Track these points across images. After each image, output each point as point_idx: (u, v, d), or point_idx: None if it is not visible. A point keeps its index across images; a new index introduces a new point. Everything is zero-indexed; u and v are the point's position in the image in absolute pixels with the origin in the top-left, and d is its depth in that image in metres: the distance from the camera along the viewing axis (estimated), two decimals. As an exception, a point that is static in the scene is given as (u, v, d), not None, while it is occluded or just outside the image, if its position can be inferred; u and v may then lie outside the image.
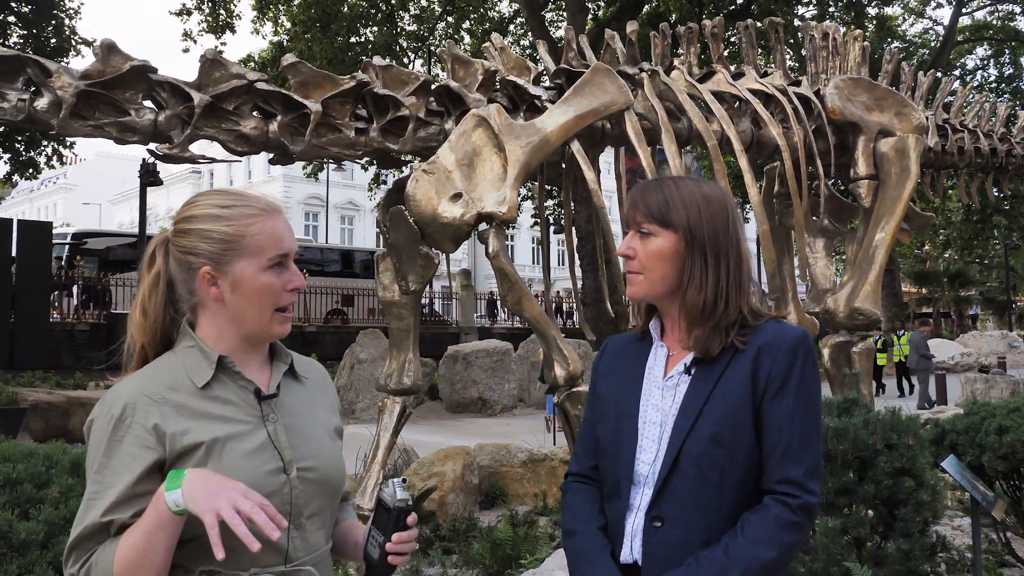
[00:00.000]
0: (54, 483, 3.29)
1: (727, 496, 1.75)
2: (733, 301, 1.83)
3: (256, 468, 1.57)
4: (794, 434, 1.75)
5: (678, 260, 1.85)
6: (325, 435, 1.75)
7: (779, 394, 1.77)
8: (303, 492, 1.63)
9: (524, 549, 5.33)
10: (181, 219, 1.70)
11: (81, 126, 4.28)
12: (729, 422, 1.76)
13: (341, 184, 51.42)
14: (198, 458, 1.54)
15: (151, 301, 1.68)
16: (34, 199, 75.26)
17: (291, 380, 1.75)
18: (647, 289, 1.89)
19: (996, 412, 5.73)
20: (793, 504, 1.72)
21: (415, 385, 5.27)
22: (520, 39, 29.04)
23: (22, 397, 12.04)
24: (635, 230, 1.90)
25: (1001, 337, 31.02)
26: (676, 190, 1.89)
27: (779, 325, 1.86)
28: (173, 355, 1.67)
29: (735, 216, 1.91)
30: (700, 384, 1.81)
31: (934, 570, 4.00)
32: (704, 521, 1.74)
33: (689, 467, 1.75)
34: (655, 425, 1.84)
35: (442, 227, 4.82)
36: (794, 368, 1.79)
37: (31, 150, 22.68)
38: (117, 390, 1.62)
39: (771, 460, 1.75)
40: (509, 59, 5.67)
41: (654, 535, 1.76)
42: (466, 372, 17.47)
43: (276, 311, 1.68)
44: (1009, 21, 35.42)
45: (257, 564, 1.56)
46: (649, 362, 1.92)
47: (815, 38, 6.74)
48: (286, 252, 1.67)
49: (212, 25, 25.21)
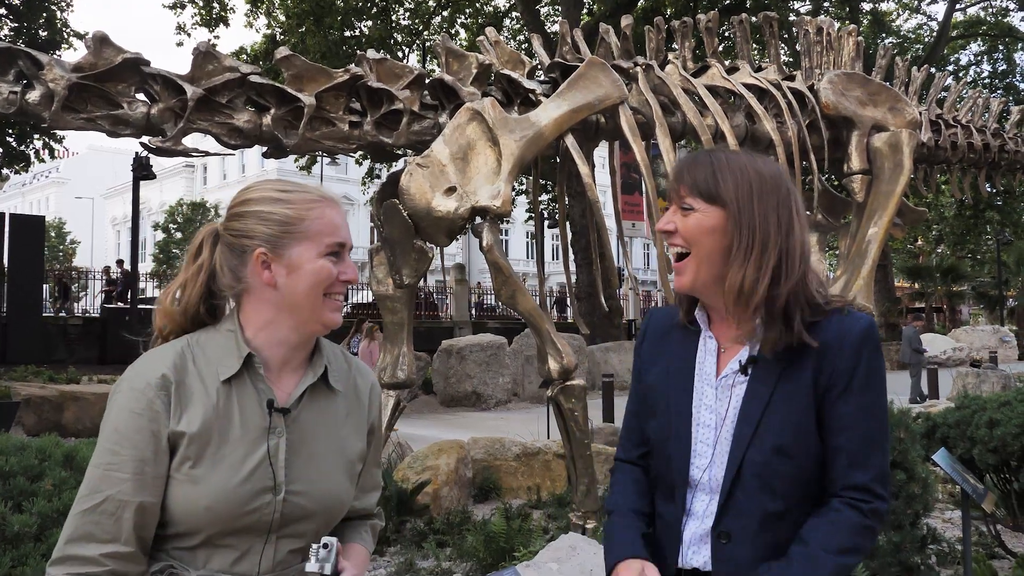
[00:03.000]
0: (47, 476, 3.29)
1: (793, 507, 1.65)
2: (784, 287, 1.66)
3: (241, 487, 1.53)
4: (860, 437, 1.64)
5: (724, 239, 1.68)
6: (340, 457, 1.67)
7: (844, 394, 1.64)
8: (288, 514, 1.58)
9: (518, 542, 5.34)
10: (237, 203, 1.66)
11: (73, 119, 4.27)
12: (792, 430, 1.64)
13: (335, 178, 51.27)
14: (183, 450, 1.52)
15: (188, 290, 1.64)
16: (26, 193, 75.00)
17: (319, 393, 1.67)
18: (693, 275, 1.72)
19: (987, 406, 5.75)
20: (865, 509, 1.62)
21: (409, 379, 5.28)
22: (515, 33, 29.02)
23: (15, 391, 12.00)
24: (677, 205, 1.74)
25: (992, 332, 31.14)
26: (727, 163, 1.72)
27: (843, 319, 1.69)
28: (214, 332, 1.63)
29: (791, 196, 1.73)
30: (758, 387, 1.67)
31: (924, 562, 4.02)
32: (771, 535, 1.64)
33: (752, 479, 1.64)
34: (709, 428, 1.72)
35: (436, 221, 4.82)
36: (859, 365, 1.65)
37: (22, 143, 22.59)
38: (144, 360, 1.60)
39: (836, 466, 1.64)
40: (504, 53, 5.67)
41: (721, 551, 1.67)
42: (460, 366, 17.48)
43: (327, 299, 1.63)
44: (1003, 17, 35.51)
45: (213, 567, 1.55)
46: (699, 356, 1.78)
47: (809, 33, 6.75)
48: (343, 242, 1.64)
49: (206, 18, 25.18)
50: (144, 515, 1.50)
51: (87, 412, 12.05)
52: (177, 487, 1.52)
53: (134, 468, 1.50)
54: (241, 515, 1.53)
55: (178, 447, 1.53)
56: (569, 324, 25.21)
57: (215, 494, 1.51)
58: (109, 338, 20.54)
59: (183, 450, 1.53)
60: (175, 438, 1.53)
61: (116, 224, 68.26)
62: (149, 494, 1.50)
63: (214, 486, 1.52)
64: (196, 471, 1.52)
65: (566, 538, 4.35)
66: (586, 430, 5.20)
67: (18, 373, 15.16)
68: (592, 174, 5.42)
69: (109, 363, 19.10)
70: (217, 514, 1.51)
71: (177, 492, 1.52)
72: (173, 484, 1.53)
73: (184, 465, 1.52)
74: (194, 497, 1.51)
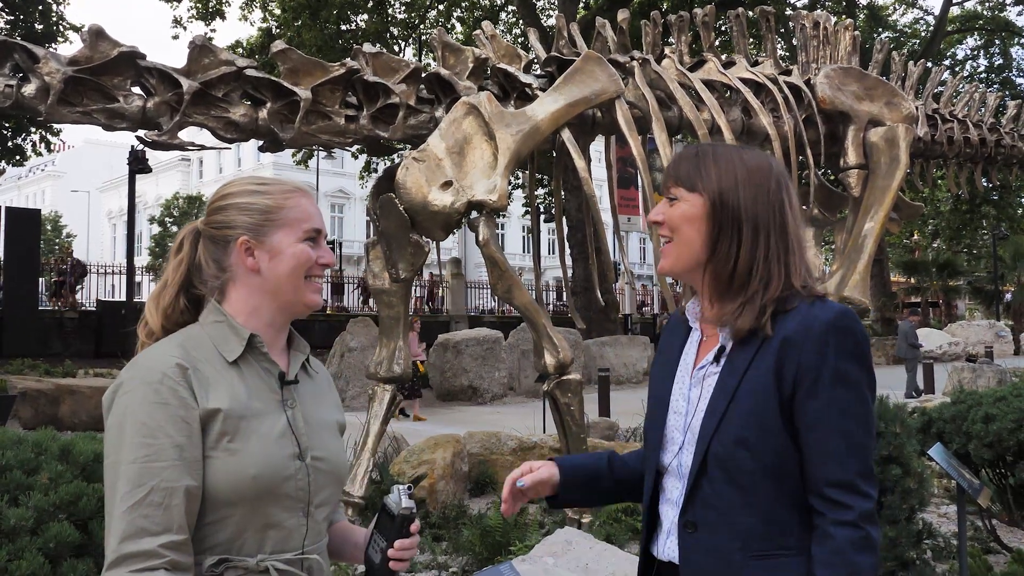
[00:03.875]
0: (43, 470, 3.28)
1: (760, 500, 1.64)
2: (776, 278, 1.68)
3: (279, 451, 1.60)
4: (835, 433, 1.61)
5: (704, 226, 1.72)
6: (331, 429, 1.78)
7: (813, 389, 1.62)
8: (315, 480, 1.66)
9: (514, 536, 5.35)
10: (216, 199, 1.75)
11: (69, 112, 4.26)
12: (755, 423, 1.64)
13: (331, 172, 51.20)
14: (219, 426, 1.56)
15: (169, 287, 1.72)
16: (22, 186, 74.84)
17: (304, 372, 1.79)
18: (673, 259, 1.78)
19: (983, 401, 5.77)
20: (852, 519, 1.59)
21: (405, 373, 5.28)
22: (511, 27, 28.98)
23: (11, 385, 11.99)
24: (666, 197, 1.81)
25: (988, 327, 31.21)
26: (712, 155, 1.77)
27: (809, 309, 1.67)
28: (200, 327, 1.68)
29: (782, 187, 1.76)
30: (726, 379, 1.70)
31: (920, 557, 4.03)
32: (737, 526, 1.65)
33: (716, 470, 1.67)
34: (680, 415, 1.77)
35: (432, 215, 4.81)
36: (826, 359, 1.62)
37: (17, 136, 22.53)
38: (149, 355, 1.62)
39: (810, 464, 1.63)
40: (500, 47, 5.66)
41: (687, 540, 1.70)
42: (456, 360, 17.48)
43: (308, 281, 1.73)
44: (999, 11, 35.47)
45: (265, 550, 1.58)
46: (686, 346, 1.84)
47: (806, 27, 6.75)
48: (319, 228, 1.74)
49: (202, 12, 25.09)
50: (191, 500, 1.51)
51: (83, 406, 12.05)
52: (219, 463, 1.54)
53: (173, 454, 1.51)
54: (282, 481, 1.59)
55: (211, 425, 1.56)
56: (567, 318, 25.23)
57: (260, 461, 1.56)
58: (105, 332, 20.53)
59: (219, 426, 1.56)
60: (207, 417, 1.56)
61: (112, 218, 68.11)
62: (192, 477, 1.52)
63: (256, 454, 1.57)
64: (234, 444, 1.56)
65: (562, 532, 4.36)
66: (582, 424, 5.21)
67: (14, 367, 15.14)
68: (588, 168, 5.42)
69: (105, 357, 19.07)
70: (263, 482, 1.56)
71: (219, 468, 1.54)
72: (213, 463, 1.54)
73: (222, 440, 1.55)
74: (239, 468, 1.55)
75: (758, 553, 1.64)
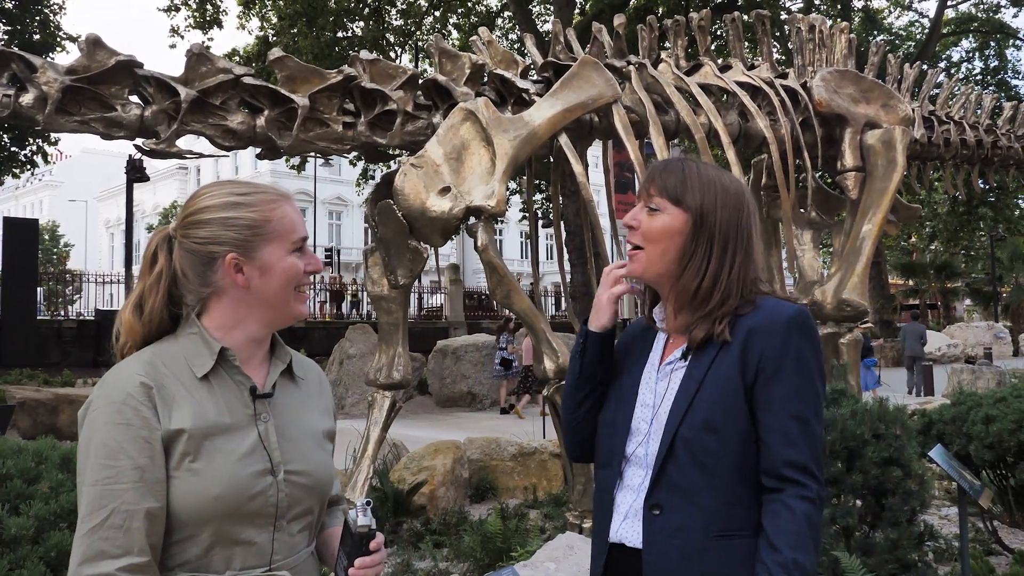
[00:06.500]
0: (44, 478, 3.28)
1: (723, 481, 1.74)
2: (734, 296, 1.82)
3: (243, 470, 1.56)
4: (791, 417, 1.73)
5: (681, 240, 1.84)
6: (314, 439, 1.74)
7: (774, 377, 1.75)
8: (289, 495, 1.62)
9: (514, 542, 5.34)
10: (192, 211, 1.69)
11: (67, 121, 4.26)
12: (721, 407, 1.75)
13: (329, 179, 51.21)
14: (181, 447, 1.53)
15: (149, 300, 1.66)
16: (19, 196, 74.75)
17: (287, 380, 1.75)
18: (644, 265, 1.87)
19: (983, 402, 5.78)
20: (811, 495, 1.71)
21: (405, 380, 5.28)
22: (508, 33, 29.01)
23: (10, 395, 11.99)
24: (644, 203, 1.88)
25: (987, 328, 31.24)
26: (696, 172, 1.88)
27: (774, 304, 1.83)
28: (175, 340, 1.65)
29: (751, 212, 1.89)
30: (694, 371, 1.81)
31: (922, 559, 4.03)
32: (701, 507, 1.74)
33: (683, 454, 1.75)
34: (648, 408, 1.86)
35: (431, 221, 4.81)
36: (788, 349, 1.76)
37: (24, 147, 22.50)
38: (116, 373, 1.60)
39: (770, 445, 1.74)
40: (496, 53, 5.67)
41: (653, 522, 1.77)
42: (455, 366, 17.47)
43: (296, 292, 1.71)
44: (994, 13, 35.55)
45: (234, 566, 1.56)
46: (654, 347, 1.94)
47: (801, 31, 6.77)
48: (305, 236, 1.72)
49: (199, 21, 25.12)
50: (152, 522, 1.50)
51: (82, 415, 12.02)
52: (182, 484, 1.53)
53: (134, 476, 1.49)
54: (248, 499, 1.56)
55: (175, 446, 1.53)
56: (566, 323, 25.21)
57: (222, 481, 1.53)
58: (103, 341, 20.49)
59: (181, 447, 1.53)
60: (170, 437, 1.53)
61: (110, 227, 68.06)
62: (153, 499, 1.50)
63: (219, 474, 1.54)
64: (197, 464, 1.53)
65: (563, 537, 4.36)
66: (582, 429, 5.19)
67: (12, 376, 15.14)
68: (586, 173, 5.42)
69: (104, 366, 19.01)
70: (227, 502, 1.53)
71: (183, 488, 1.52)
72: (176, 483, 1.53)
73: (184, 461, 1.53)
74: (202, 489, 1.52)
75: (719, 533, 1.74)
